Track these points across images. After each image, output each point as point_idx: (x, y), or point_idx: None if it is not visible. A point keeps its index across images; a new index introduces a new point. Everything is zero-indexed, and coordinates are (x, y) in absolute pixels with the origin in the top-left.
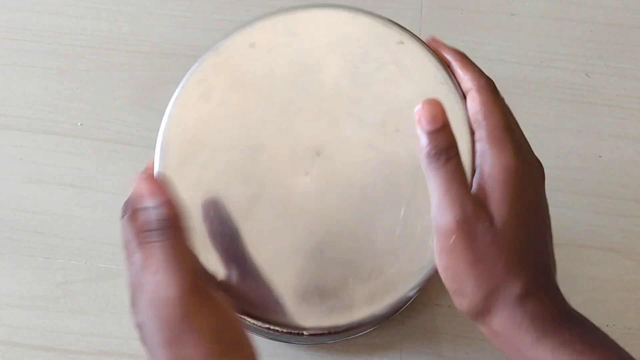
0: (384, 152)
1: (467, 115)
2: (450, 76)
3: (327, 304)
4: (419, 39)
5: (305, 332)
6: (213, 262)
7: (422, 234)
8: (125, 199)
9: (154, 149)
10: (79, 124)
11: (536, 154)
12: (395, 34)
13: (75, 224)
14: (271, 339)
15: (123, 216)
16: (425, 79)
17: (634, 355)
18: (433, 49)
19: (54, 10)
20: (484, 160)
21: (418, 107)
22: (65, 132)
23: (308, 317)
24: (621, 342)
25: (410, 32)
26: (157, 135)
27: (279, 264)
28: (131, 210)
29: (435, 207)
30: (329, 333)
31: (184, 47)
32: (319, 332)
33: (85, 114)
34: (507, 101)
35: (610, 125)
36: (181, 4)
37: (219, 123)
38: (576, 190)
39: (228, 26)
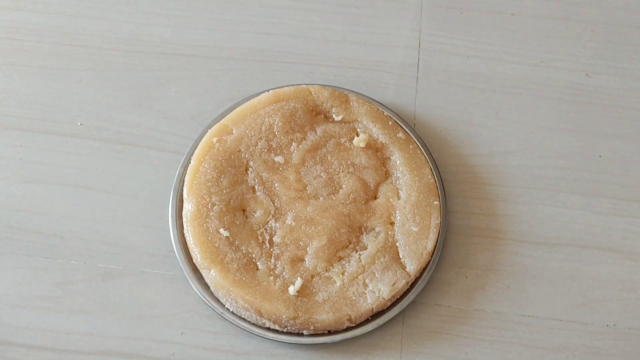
0: None
1: None
2: None
3: None
4: None
5: (305, 332)
6: None
7: None
8: (125, 199)
9: (154, 149)
10: (79, 124)
11: (536, 153)
12: None
13: (75, 224)
14: (271, 339)
15: None
16: None
17: (633, 355)
18: None
19: (54, 10)
20: None
21: None
22: (65, 132)
23: None
24: (621, 342)
25: None
26: (156, 135)
27: None
28: None
29: None
30: (329, 333)
31: (184, 47)
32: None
33: (85, 114)
34: (508, 101)
35: (610, 125)
36: (181, 4)
37: None
38: (576, 190)
39: (228, 26)
